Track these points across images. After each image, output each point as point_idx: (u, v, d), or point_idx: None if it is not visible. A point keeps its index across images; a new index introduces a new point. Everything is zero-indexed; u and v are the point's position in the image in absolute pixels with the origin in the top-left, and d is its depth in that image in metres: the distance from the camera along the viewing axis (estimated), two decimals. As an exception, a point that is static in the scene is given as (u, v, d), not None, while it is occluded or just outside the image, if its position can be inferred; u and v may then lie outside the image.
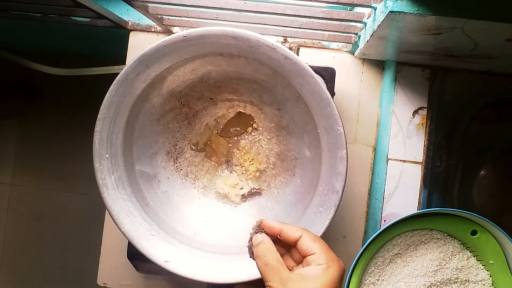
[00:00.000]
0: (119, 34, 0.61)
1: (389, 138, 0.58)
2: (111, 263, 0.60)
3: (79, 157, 1.10)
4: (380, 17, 0.41)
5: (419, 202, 0.57)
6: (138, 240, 0.46)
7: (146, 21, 0.60)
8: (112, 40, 0.70)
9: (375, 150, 0.58)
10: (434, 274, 0.50)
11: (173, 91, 0.52)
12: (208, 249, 0.50)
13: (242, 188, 0.56)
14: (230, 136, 0.57)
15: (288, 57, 0.42)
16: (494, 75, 0.57)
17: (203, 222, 0.54)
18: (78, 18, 0.60)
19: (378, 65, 0.59)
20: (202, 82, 0.53)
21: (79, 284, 1.18)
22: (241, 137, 0.57)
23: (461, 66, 0.56)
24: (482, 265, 0.50)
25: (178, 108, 0.55)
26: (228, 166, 0.58)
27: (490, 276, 0.50)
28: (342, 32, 0.51)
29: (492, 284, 0.50)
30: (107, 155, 0.47)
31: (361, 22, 0.47)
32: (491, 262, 0.49)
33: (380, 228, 0.53)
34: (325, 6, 0.47)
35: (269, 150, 0.56)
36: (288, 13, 0.46)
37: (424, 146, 0.57)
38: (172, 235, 0.49)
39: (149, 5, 0.50)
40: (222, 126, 0.57)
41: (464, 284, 0.50)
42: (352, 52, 0.58)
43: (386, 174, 0.57)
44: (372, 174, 0.58)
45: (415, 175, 0.57)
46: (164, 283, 0.60)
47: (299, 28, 0.51)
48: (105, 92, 0.45)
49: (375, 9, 0.43)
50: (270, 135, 0.56)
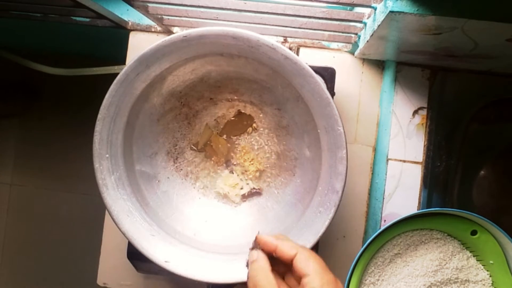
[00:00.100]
0: (119, 34, 0.61)
1: (389, 138, 0.58)
2: (111, 263, 0.60)
3: (79, 157, 1.10)
4: (380, 17, 0.41)
5: (419, 202, 0.57)
6: (138, 240, 0.46)
7: (146, 21, 0.60)
8: (112, 40, 0.70)
9: (375, 150, 0.58)
10: (434, 274, 0.50)
11: (173, 91, 0.52)
12: (208, 249, 0.50)
13: (242, 188, 0.56)
14: (230, 136, 0.57)
15: (288, 57, 0.42)
16: (494, 75, 0.57)
17: (203, 222, 0.54)
18: (78, 18, 0.60)
19: (378, 65, 0.59)
20: (202, 82, 0.53)
21: (79, 284, 1.18)
22: (241, 137, 0.57)
23: (461, 66, 0.56)
24: (482, 265, 0.51)
25: (178, 108, 0.55)
26: (228, 166, 0.58)
27: (490, 276, 0.50)
28: (342, 32, 0.51)
29: (492, 284, 0.50)
30: (107, 155, 0.47)
31: (361, 22, 0.47)
32: (491, 262, 0.49)
33: (380, 228, 0.53)
34: (325, 6, 0.47)
35: (269, 150, 0.56)
36: (288, 13, 0.46)
37: (424, 146, 0.57)
38: (172, 235, 0.49)
39: (149, 5, 0.50)
40: (222, 126, 0.57)
41: (464, 284, 0.50)
42: (352, 52, 0.58)
43: (386, 174, 0.57)
44: (372, 174, 0.58)
45: (415, 175, 0.57)
46: (164, 283, 0.60)
47: (299, 28, 0.51)
48: (105, 92, 0.45)
49: (375, 9, 0.43)
50: (270, 135, 0.56)
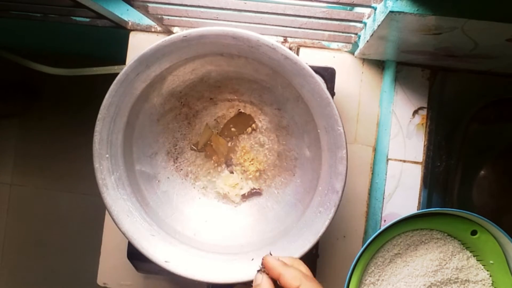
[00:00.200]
0: (119, 34, 0.61)
1: (389, 138, 0.58)
2: (111, 263, 0.60)
3: (79, 157, 1.10)
4: (380, 17, 0.41)
5: (419, 202, 0.57)
6: (138, 240, 0.46)
7: (146, 21, 0.60)
8: (112, 40, 0.70)
9: (375, 150, 0.58)
10: (434, 274, 0.50)
11: (173, 91, 0.52)
12: (208, 249, 0.50)
13: (242, 188, 0.56)
14: (230, 136, 0.57)
15: (288, 57, 0.42)
16: (494, 75, 0.57)
17: (203, 222, 0.54)
18: (78, 18, 0.60)
19: (378, 65, 0.59)
20: (202, 82, 0.53)
21: (79, 284, 1.18)
22: (241, 137, 0.57)
23: (461, 66, 0.56)
24: (482, 265, 0.50)
25: (178, 108, 0.55)
26: (228, 166, 0.58)
27: (490, 276, 0.50)
28: (342, 32, 0.51)
29: (492, 284, 0.50)
30: (107, 155, 0.47)
31: (361, 22, 0.47)
32: (491, 262, 0.49)
33: (380, 228, 0.53)
34: (325, 6, 0.47)
35: (269, 150, 0.56)
36: (288, 13, 0.46)
37: (424, 146, 0.57)
38: (172, 235, 0.49)
39: (149, 5, 0.50)
40: (222, 126, 0.57)
41: (464, 284, 0.50)
42: (352, 52, 0.58)
43: (386, 174, 0.57)
44: (372, 174, 0.58)
45: (415, 175, 0.57)
46: (164, 283, 0.60)
47: (299, 28, 0.51)
48: (105, 92, 0.45)
49: (375, 9, 0.43)
50: (270, 135, 0.56)
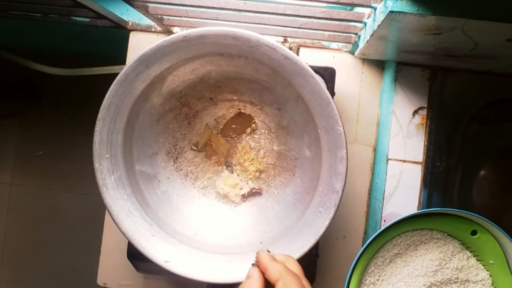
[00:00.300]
0: (119, 34, 0.61)
1: (389, 138, 0.58)
2: (111, 263, 0.60)
3: (79, 157, 1.10)
4: (380, 17, 0.41)
5: (419, 202, 0.57)
6: (138, 240, 0.46)
7: (146, 21, 0.60)
8: (112, 40, 0.70)
9: (375, 150, 0.58)
10: (434, 274, 0.50)
11: (173, 91, 0.52)
12: (208, 249, 0.50)
13: (242, 188, 0.56)
14: (230, 136, 0.57)
15: (288, 57, 0.42)
16: (494, 75, 0.57)
17: (203, 222, 0.54)
18: (78, 18, 0.60)
19: (378, 65, 0.59)
20: (202, 82, 0.53)
21: (79, 284, 1.18)
22: (241, 137, 0.57)
23: (461, 66, 0.56)
24: (482, 265, 0.51)
25: (178, 108, 0.55)
26: (228, 166, 0.58)
27: (490, 276, 0.50)
28: (342, 32, 0.51)
29: (492, 284, 0.50)
30: (107, 155, 0.47)
31: (361, 22, 0.47)
32: (491, 262, 0.49)
33: (380, 228, 0.53)
34: (325, 6, 0.47)
35: (269, 150, 0.56)
36: (288, 13, 0.46)
37: (424, 146, 0.57)
38: (172, 235, 0.49)
39: (149, 5, 0.50)
40: (222, 126, 0.57)
41: (464, 284, 0.50)
42: (352, 52, 0.58)
43: (386, 174, 0.57)
44: (372, 174, 0.58)
45: (415, 175, 0.57)
46: (164, 283, 0.60)
47: (299, 28, 0.51)
48: (105, 92, 0.45)
49: (375, 9, 0.43)
50: (270, 135, 0.56)
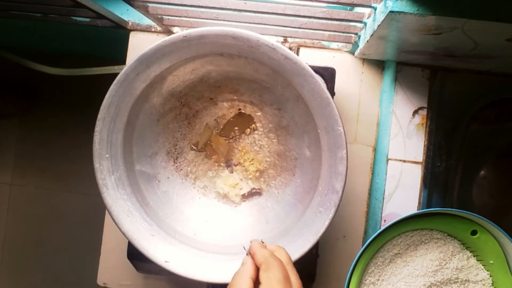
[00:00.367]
0: (119, 34, 0.61)
1: (389, 138, 0.58)
2: (111, 263, 0.60)
3: (79, 157, 1.10)
4: (380, 17, 0.41)
5: (419, 202, 0.57)
6: (138, 240, 0.46)
7: (146, 21, 0.60)
8: (112, 40, 0.70)
9: (375, 150, 0.58)
10: (434, 274, 0.50)
11: (173, 91, 0.52)
12: (208, 249, 0.50)
13: (242, 188, 0.56)
14: (230, 136, 0.57)
15: (288, 57, 0.42)
16: (494, 75, 0.57)
17: (203, 222, 0.54)
18: (78, 18, 0.60)
19: (378, 65, 0.59)
20: (202, 82, 0.53)
21: (79, 284, 1.18)
22: (241, 137, 0.57)
23: (461, 66, 0.56)
24: (482, 265, 0.51)
25: (178, 108, 0.55)
26: (228, 166, 0.58)
27: (490, 276, 0.50)
28: (342, 32, 0.51)
29: (492, 284, 0.50)
30: (107, 155, 0.47)
31: (361, 22, 0.47)
32: (491, 262, 0.49)
33: (380, 228, 0.53)
34: (325, 6, 0.47)
35: (269, 150, 0.56)
36: (288, 13, 0.46)
37: (424, 146, 0.57)
38: (172, 235, 0.49)
39: (149, 5, 0.50)
40: (222, 126, 0.57)
41: (464, 284, 0.50)
42: (352, 52, 0.58)
43: (386, 174, 0.57)
44: (372, 174, 0.58)
45: (415, 175, 0.57)
46: (164, 283, 0.60)
47: (299, 28, 0.51)
48: (105, 92, 0.45)
49: (375, 9, 0.43)
50: (270, 135, 0.56)
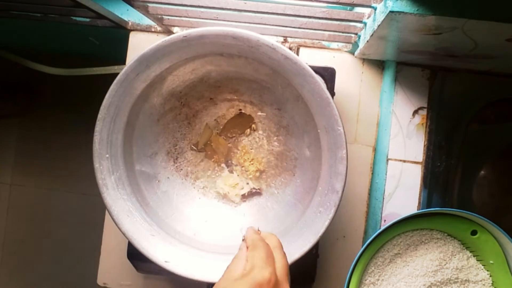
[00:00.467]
0: (119, 34, 0.61)
1: (389, 138, 0.58)
2: (111, 263, 0.60)
3: (79, 157, 1.10)
4: (380, 17, 0.41)
5: (419, 202, 0.57)
6: (138, 240, 0.46)
7: (146, 21, 0.60)
8: (112, 40, 0.70)
9: (375, 150, 0.58)
10: (434, 274, 0.50)
11: (173, 91, 0.52)
12: (208, 249, 0.50)
13: (242, 188, 0.56)
14: (230, 136, 0.57)
15: (288, 57, 0.42)
16: (494, 75, 0.57)
17: (203, 222, 0.54)
18: (78, 18, 0.60)
19: (378, 65, 0.59)
20: (202, 82, 0.53)
21: (79, 284, 1.18)
22: (241, 137, 0.57)
23: (461, 66, 0.56)
24: (482, 265, 0.51)
25: (178, 108, 0.55)
26: (228, 166, 0.58)
27: (490, 276, 0.50)
28: (342, 32, 0.51)
29: (492, 284, 0.50)
30: (107, 155, 0.47)
31: (361, 22, 0.47)
32: (491, 262, 0.49)
33: (380, 228, 0.53)
34: (325, 6, 0.47)
35: (269, 150, 0.56)
36: (288, 13, 0.46)
37: (424, 146, 0.57)
38: (172, 235, 0.49)
39: (149, 5, 0.50)
40: (222, 126, 0.57)
41: (464, 284, 0.50)
42: (352, 52, 0.58)
43: (386, 174, 0.57)
44: (372, 174, 0.58)
45: (415, 175, 0.57)
46: (164, 283, 0.60)
47: (299, 28, 0.51)
48: (105, 92, 0.45)
49: (375, 9, 0.43)
50: (270, 135, 0.56)
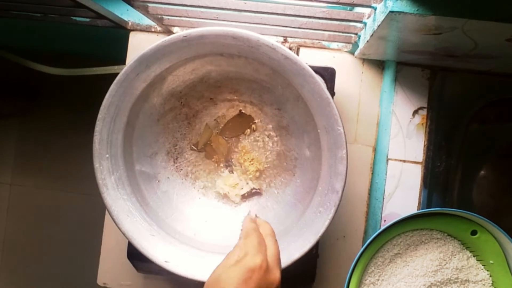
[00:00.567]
0: (119, 34, 0.61)
1: (389, 138, 0.58)
2: (111, 263, 0.60)
3: (79, 157, 1.10)
4: (380, 17, 0.41)
5: (419, 202, 0.57)
6: (138, 240, 0.46)
7: (146, 21, 0.60)
8: (112, 40, 0.70)
9: (375, 150, 0.58)
10: (434, 274, 0.50)
11: (173, 91, 0.52)
12: (208, 249, 0.50)
13: (242, 188, 0.56)
14: (230, 136, 0.57)
15: (288, 57, 0.42)
16: (494, 75, 0.57)
17: (203, 222, 0.54)
18: (78, 18, 0.60)
19: (378, 65, 0.59)
20: (202, 82, 0.53)
21: (79, 284, 1.18)
22: (241, 137, 0.57)
23: (461, 66, 0.56)
24: (482, 265, 0.51)
25: (178, 108, 0.55)
26: (228, 166, 0.58)
27: (490, 276, 0.50)
28: (342, 32, 0.51)
29: (492, 284, 0.50)
30: (107, 155, 0.47)
31: (361, 22, 0.47)
32: (491, 262, 0.49)
33: (380, 228, 0.53)
34: (325, 6, 0.47)
35: (269, 150, 0.56)
36: (288, 13, 0.46)
37: (424, 146, 0.57)
38: (172, 235, 0.49)
39: (149, 5, 0.50)
40: (222, 126, 0.57)
41: (464, 284, 0.50)
42: (352, 52, 0.58)
43: (386, 174, 0.57)
44: (372, 174, 0.58)
45: (415, 175, 0.57)
46: (164, 283, 0.60)
47: (299, 28, 0.51)
48: (105, 92, 0.45)
49: (375, 9, 0.43)
50: (270, 135, 0.56)
